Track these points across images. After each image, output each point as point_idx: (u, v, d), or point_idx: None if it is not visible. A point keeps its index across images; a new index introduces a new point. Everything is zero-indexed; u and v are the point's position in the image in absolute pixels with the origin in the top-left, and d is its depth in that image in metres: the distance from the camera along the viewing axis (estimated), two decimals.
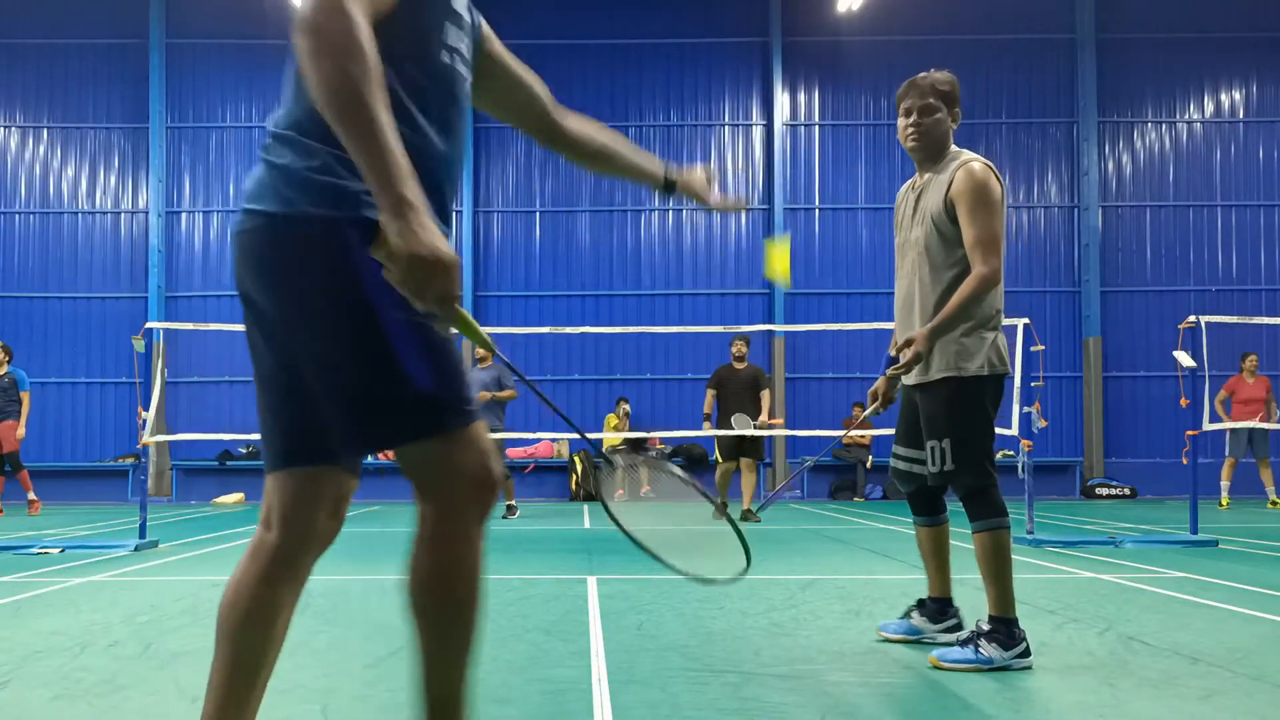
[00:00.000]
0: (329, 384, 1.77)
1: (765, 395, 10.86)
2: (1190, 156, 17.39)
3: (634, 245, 17.18)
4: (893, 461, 4.08)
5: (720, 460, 10.75)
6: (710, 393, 11.06)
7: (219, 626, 2.06)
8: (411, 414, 1.76)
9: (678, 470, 2.14)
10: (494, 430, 11.58)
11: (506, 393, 11.91)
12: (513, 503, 12.10)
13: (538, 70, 2.32)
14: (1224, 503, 13.66)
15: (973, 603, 4.11)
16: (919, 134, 3.72)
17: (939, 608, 3.89)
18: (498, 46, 2.19)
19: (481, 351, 11.89)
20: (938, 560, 3.92)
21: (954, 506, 3.83)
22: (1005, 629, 3.41)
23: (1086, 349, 16.96)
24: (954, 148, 3.80)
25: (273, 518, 1.91)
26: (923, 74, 3.74)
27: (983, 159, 3.71)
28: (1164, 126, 17.44)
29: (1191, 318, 8.33)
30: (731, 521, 2.09)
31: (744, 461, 10.61)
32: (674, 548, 1.98)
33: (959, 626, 3.84)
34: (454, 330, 1.76)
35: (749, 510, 10.69)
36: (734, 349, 11.03)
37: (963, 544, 4.37)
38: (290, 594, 1.96)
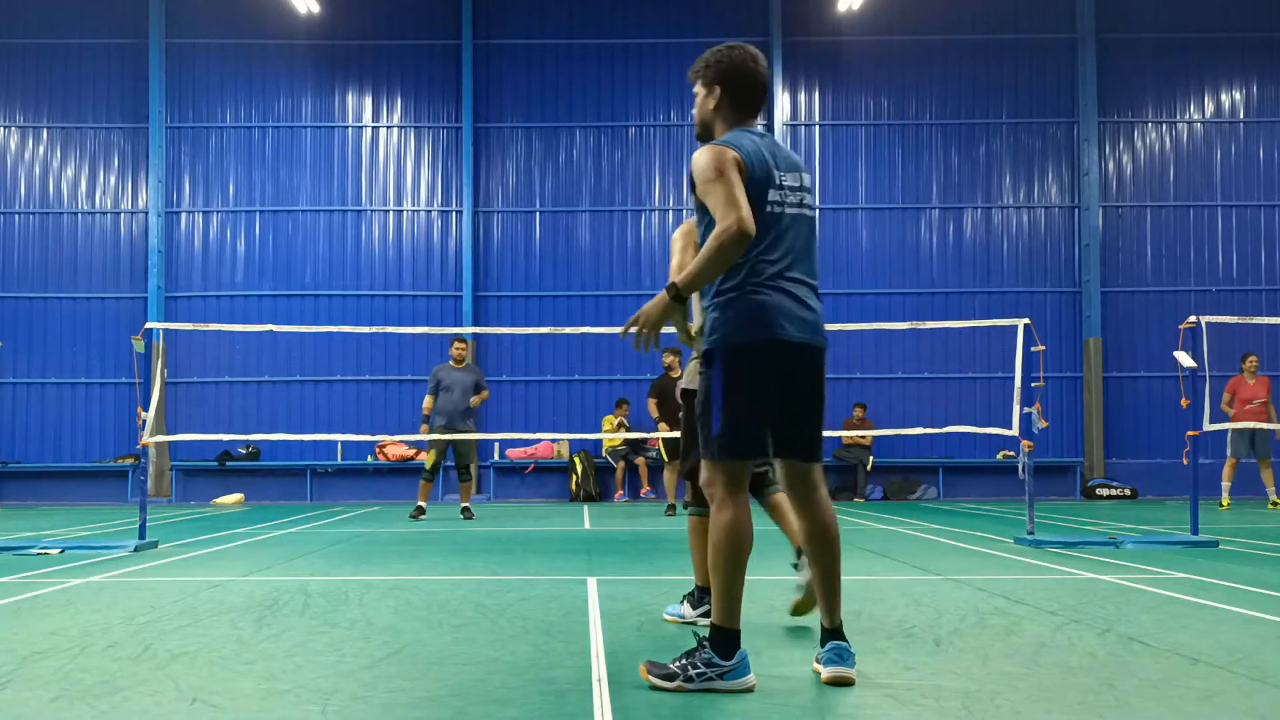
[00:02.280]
0: None
1: None
2: (1190, 156, 17.38)
3: (634, 245, 17.17)
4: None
5: (667, 461, 12.91)
6: (652, 401, 13.20)
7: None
8: None
9: None
10: (468, 432, 11.57)
11: (482, 394, 11.92)
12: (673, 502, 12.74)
13: (538, 70, 2.32)
14: (1224, 503, 13.66)
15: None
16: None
17: (704, 594, 4.45)
18: None
19: (458, 353, 11.88)
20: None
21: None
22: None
23: (1087, 349, 16.95)
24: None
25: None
26: None
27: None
28: (1164, 126, 17.44)
29: (1192, 318, 8.32)
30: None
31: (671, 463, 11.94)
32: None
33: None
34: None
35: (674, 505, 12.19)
36: (665, 360, 12.36)
37: (946, 539, 4.37)
38: None
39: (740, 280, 3.23)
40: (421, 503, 11.89)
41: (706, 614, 4.25)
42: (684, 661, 3.17)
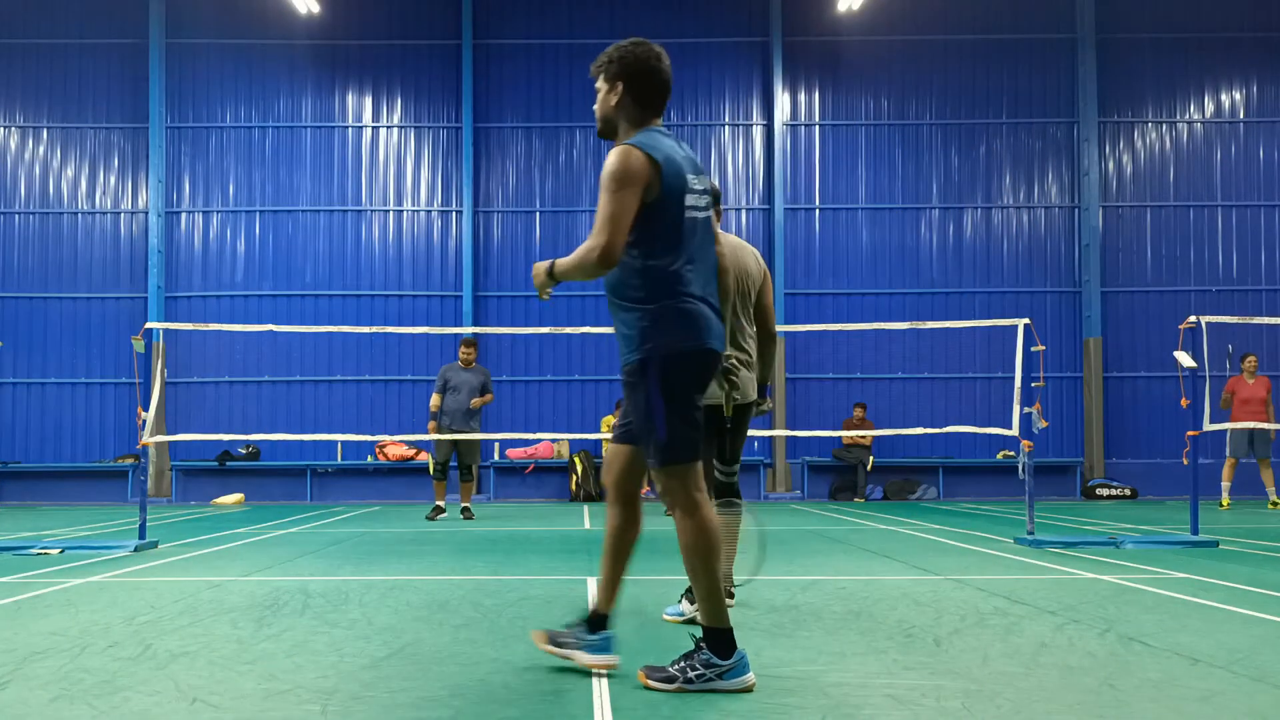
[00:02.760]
0: None
1: None
2: (1190, 156, 17.38)
3: None
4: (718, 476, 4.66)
5: None
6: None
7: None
8: None
9: None
10: (472, 431, 11.58)
11: (488, 396, 11.92)
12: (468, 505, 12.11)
13: (538, 70, 2.32)
14: (1224, 503, 13.66)
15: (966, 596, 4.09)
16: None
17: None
18: None
19: (466, 356, 11.88)
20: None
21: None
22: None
23: (1087, 349, 16.95)
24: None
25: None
26: None
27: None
28: (1164, 126, 17.44)
29: (1191, 318, 8.31)
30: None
31: None
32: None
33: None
34: None
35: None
36: None
37: (946, 539, 4.37)
38: None
39: (670, 290, 3.22)
40: (439, 502, 11.91)
41: None
42: (683, 664, 3.18)
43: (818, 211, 17.29)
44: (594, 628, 3.43)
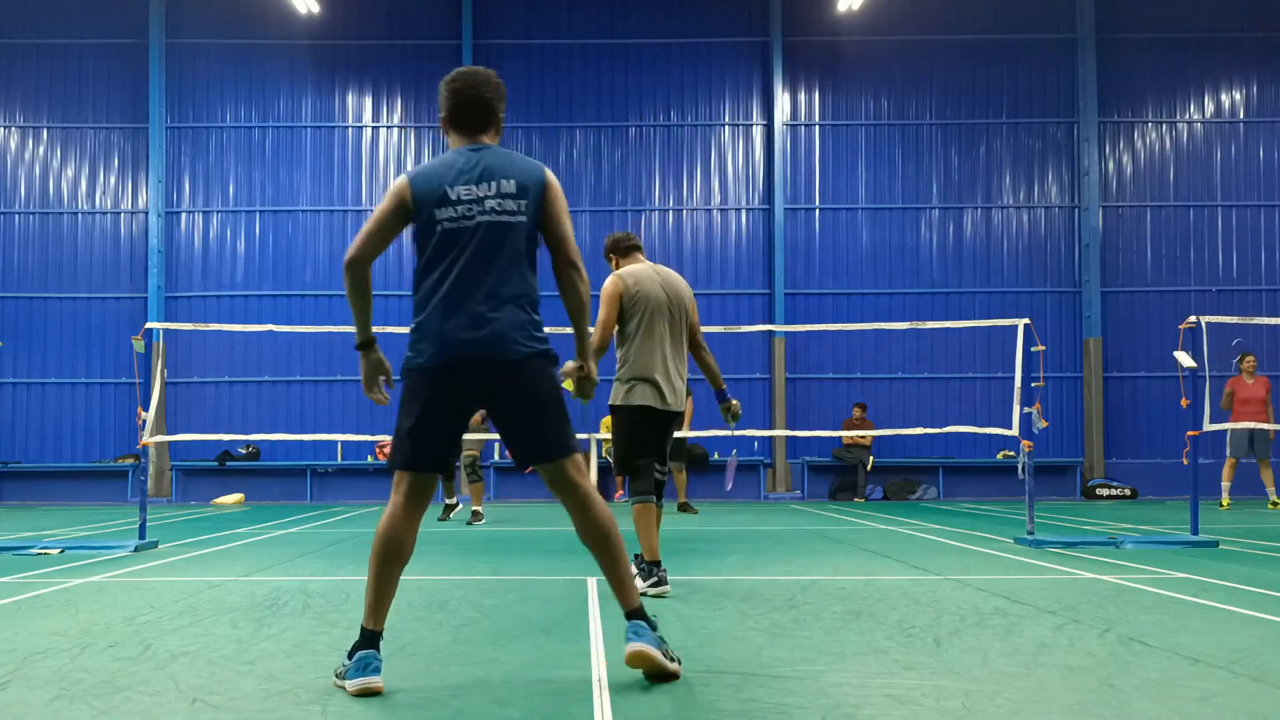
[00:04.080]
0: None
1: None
2: (1190, 156, 17.38)
3: None
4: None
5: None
6: None
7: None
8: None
9: None
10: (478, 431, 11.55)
11: None
12: (451, 501, 11.68)
13: (538, 70, 2.33)
14: (1224, 503, 13.65)
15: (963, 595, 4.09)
16: None
17: (650, 569, 5.26)
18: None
19: None
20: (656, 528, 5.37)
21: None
22: (648, 568, 5.24)
23: (1087, 349, 16.95)
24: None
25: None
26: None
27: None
28: (1164, 126, 17.44)
29: (1192, 318, 8.31)
30: None
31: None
32: None
33: (662, 582, 5.22)
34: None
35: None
36: None
37: (946, 539, 4.37)
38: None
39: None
40: (450, 500, 11.57)
41: (656, 584, 5.19)
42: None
43: (818, 211, 17.29)
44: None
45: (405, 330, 3.85)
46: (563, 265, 3.43)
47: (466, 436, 11.21)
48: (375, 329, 3.75)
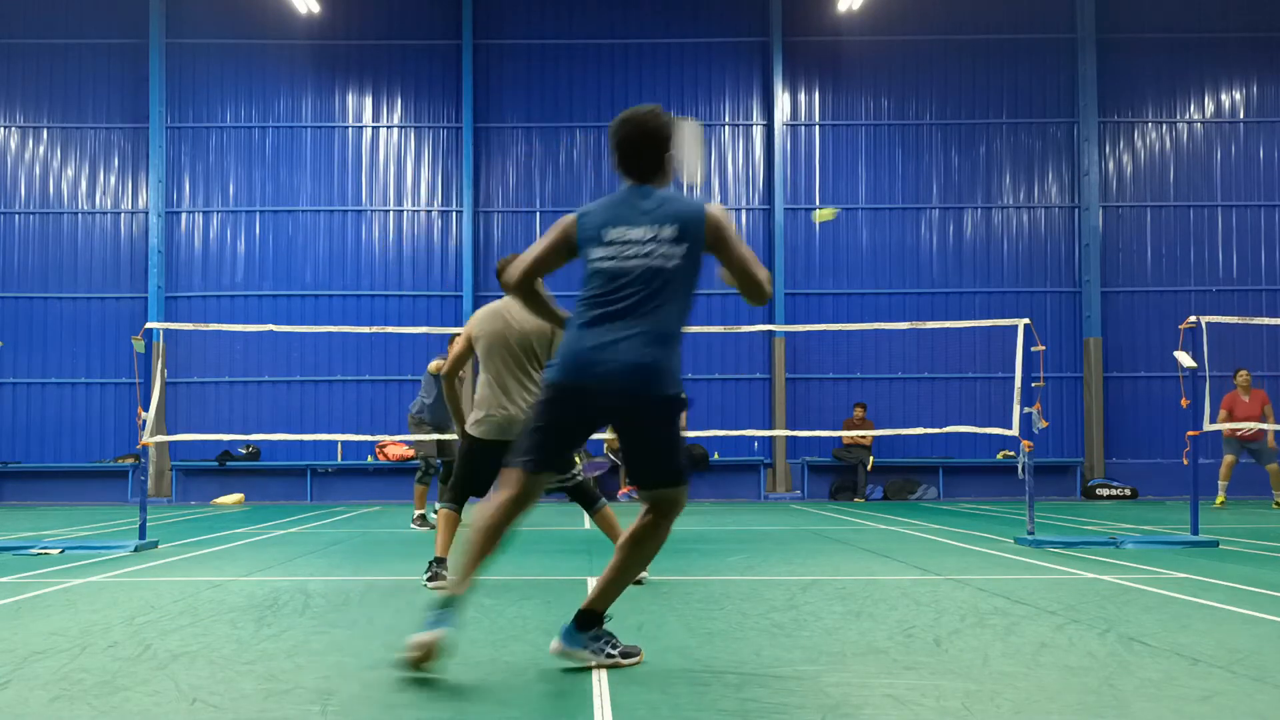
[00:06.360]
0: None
1: None
2: (1190, 156, 17.38)
3: None
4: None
5: None
6: None
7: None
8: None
9: None
10: None
11: None
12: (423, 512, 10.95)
13: (538, 70, 2.32)
14: (1219, 501, 13.62)
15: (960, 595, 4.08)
16: None
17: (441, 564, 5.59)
18: None
19: None
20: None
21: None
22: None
23: (1087, 349, 16.95)
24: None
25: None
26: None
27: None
28: (1164, 126, 17.44)
29: (1192, 318, 8.32)
30: None
31: None
32: None
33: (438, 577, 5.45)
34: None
35: None
36: None
37: (946, 539, 4.36)
38: None
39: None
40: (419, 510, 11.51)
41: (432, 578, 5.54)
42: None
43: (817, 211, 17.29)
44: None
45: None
46: (751, 288, 3.74)
47: (421, 438, 10.82)
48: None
